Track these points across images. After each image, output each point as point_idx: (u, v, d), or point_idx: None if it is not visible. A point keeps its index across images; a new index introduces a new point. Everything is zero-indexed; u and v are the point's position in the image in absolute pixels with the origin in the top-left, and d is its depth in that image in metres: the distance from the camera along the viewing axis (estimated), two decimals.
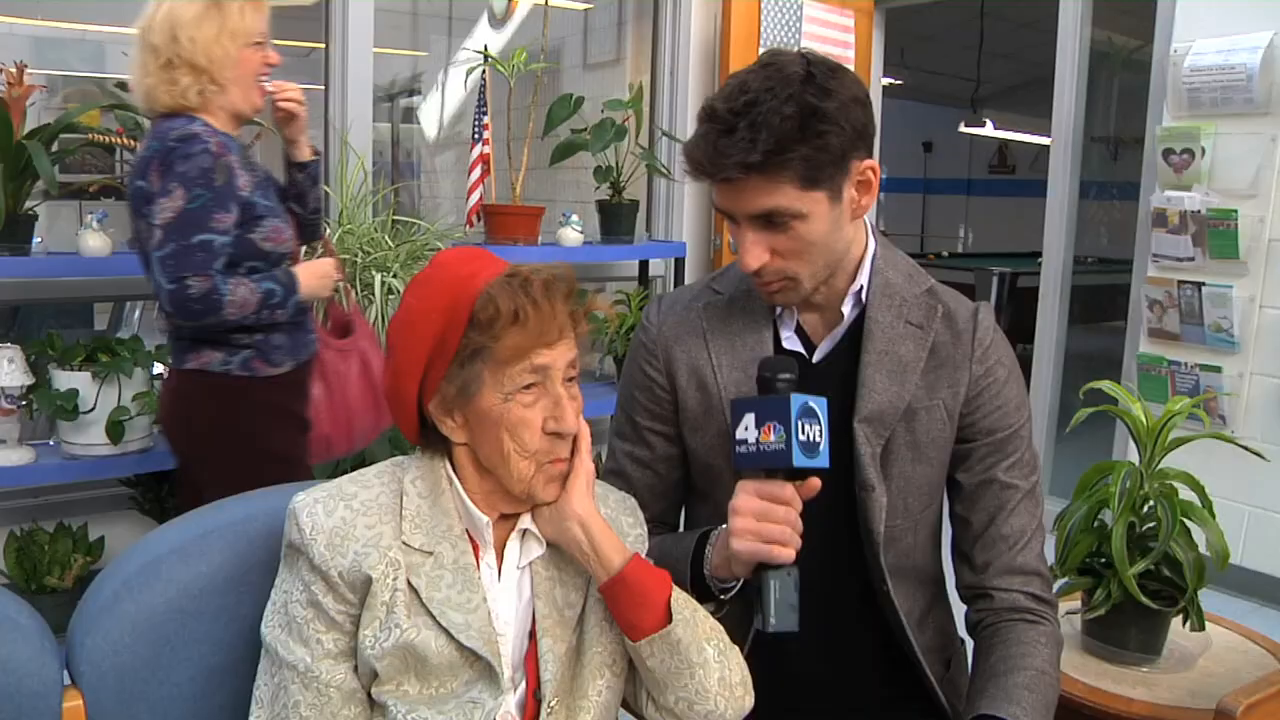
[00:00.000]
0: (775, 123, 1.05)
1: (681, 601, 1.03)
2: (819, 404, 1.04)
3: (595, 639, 1.06)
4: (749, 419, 1.04)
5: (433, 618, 0.99)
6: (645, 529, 1.15)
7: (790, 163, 1.07)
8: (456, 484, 1.04)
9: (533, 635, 1.05)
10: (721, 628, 1.07)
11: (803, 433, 1.02)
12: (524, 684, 1.04)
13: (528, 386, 0.99)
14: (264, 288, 1.90)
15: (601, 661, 1.06)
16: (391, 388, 1.04)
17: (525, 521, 1.06)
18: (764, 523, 1.03)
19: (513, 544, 1.06)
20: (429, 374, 1.01)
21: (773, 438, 1.02)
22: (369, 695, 1.01)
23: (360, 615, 0.99)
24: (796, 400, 1.02)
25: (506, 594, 1.05)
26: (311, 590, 0.99)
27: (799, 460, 1.02)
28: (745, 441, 1.04)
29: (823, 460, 1.04)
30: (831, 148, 1.08)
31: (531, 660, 1.04)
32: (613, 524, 1.11)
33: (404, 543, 1.00)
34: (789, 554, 1.03)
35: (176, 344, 1.98)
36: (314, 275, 2.02)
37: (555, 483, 1.03)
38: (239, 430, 1.96)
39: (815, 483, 1.05)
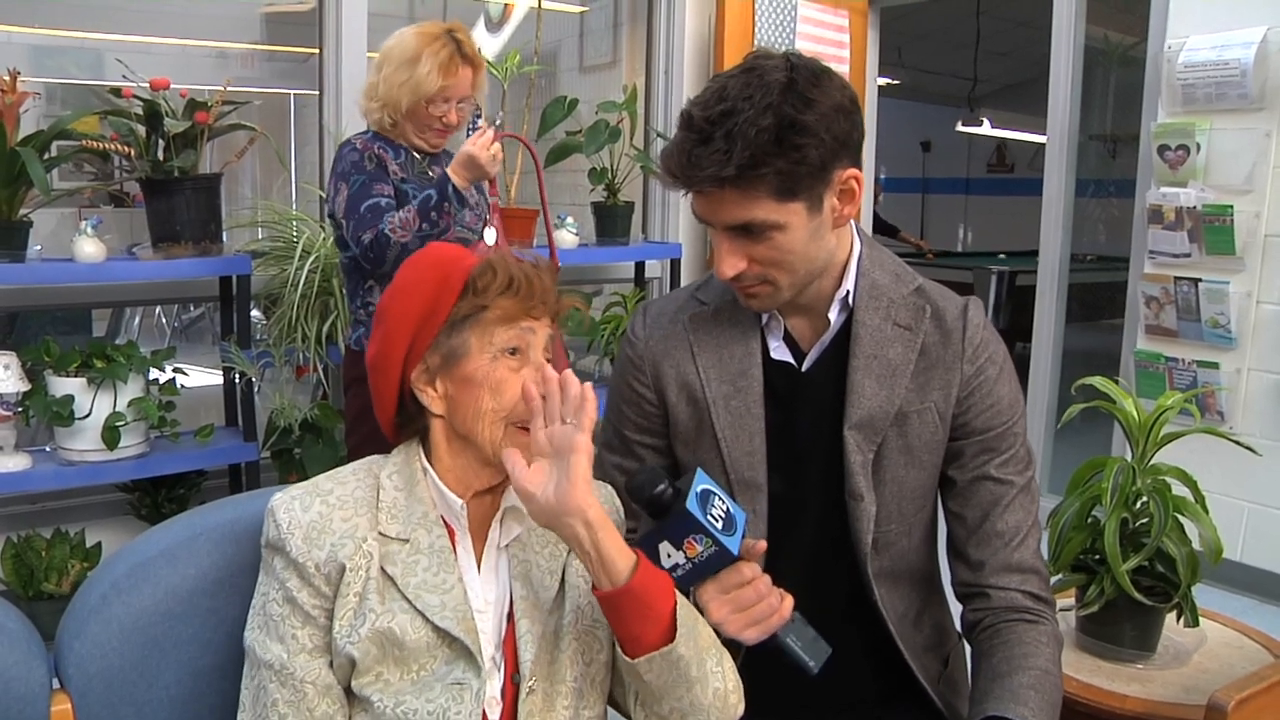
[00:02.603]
0: (750, 135, 1.02)
1: (684, 611, 0.98)
2: (699, 478, 1.02)
3: (570, 627, 1.05)
4: (666, 547, 1.01)
5: (408, 601, 0.99)
6: (624, 521, 1.15)
7: (765, 176, 1.04)
8: (431, 472, 1.06)
9: (510, 617, 1.04)
10: (714, 633, 1.05)
11: (716, 520, 1.00)
12: (503, 667, 1.03)
13: (512, 352, 1.03)
14: (419, 200, 2.15)
15: (576, 651, 1.05)
16: (378, 354, 1.06)
17: (510, 499, 1.06)
18: (749, 610, 1.03)
19: (495, 525, 1.06)
20: (415, 343, 1.04)
21: (700, 548, 1.00)
22: (349, 691, 1.01)
23: (334, 608, 0.99)
24: (692, 504, 0.99)
25: (487, 574, 1.05)
26: (287, 586, 0.99)
27: (735, 547, 1.01)
28: (678, 565, 1.01)
29: (739, 516, 1.03)
30: (810, 160, 1.05)
31: (510, 643, 1.03)
32: None
33: (380, 532, 1.01)
34: (788, 611, 1.04)
35: None
36: (460, 166, 2.18)
37: (525, 449, 1.00)
38: (354, 395, 2.28)
39: (761, 545, 1.05)
